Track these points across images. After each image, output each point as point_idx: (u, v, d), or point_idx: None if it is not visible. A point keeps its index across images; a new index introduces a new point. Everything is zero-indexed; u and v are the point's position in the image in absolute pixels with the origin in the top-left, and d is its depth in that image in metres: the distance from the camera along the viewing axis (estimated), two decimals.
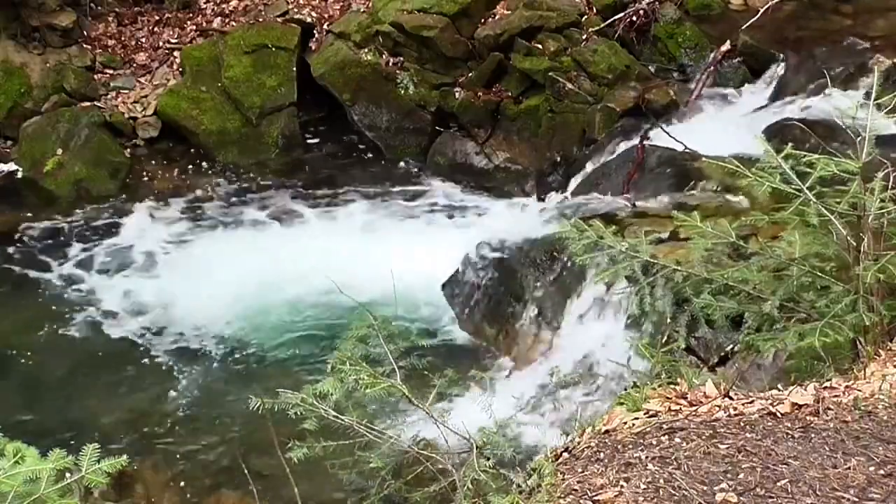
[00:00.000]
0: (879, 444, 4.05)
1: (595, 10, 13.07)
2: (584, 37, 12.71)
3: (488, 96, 12.80)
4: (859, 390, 4.50)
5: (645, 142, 11.07)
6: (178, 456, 8.97)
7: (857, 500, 3.74)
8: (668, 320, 6.88)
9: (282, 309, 10.71)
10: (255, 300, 10.79)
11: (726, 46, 12.36)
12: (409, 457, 5.21)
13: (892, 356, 5.02)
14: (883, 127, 5.83)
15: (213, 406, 9.56)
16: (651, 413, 4.45)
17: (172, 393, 9.76)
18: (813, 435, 4.13)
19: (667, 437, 4.17)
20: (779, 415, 4.29)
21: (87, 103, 13.13)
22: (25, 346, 10.42)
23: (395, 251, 10.38)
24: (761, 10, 12.35)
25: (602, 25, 12.76)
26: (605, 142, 11.84)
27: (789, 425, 4.21)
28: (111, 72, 13.57)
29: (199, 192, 12.71)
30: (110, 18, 14.00)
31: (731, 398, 4.51)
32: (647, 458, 4.01)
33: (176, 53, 13.70)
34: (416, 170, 12.99)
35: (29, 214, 12.38)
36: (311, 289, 10.41)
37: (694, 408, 4.45)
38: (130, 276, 11.43)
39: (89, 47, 13.62)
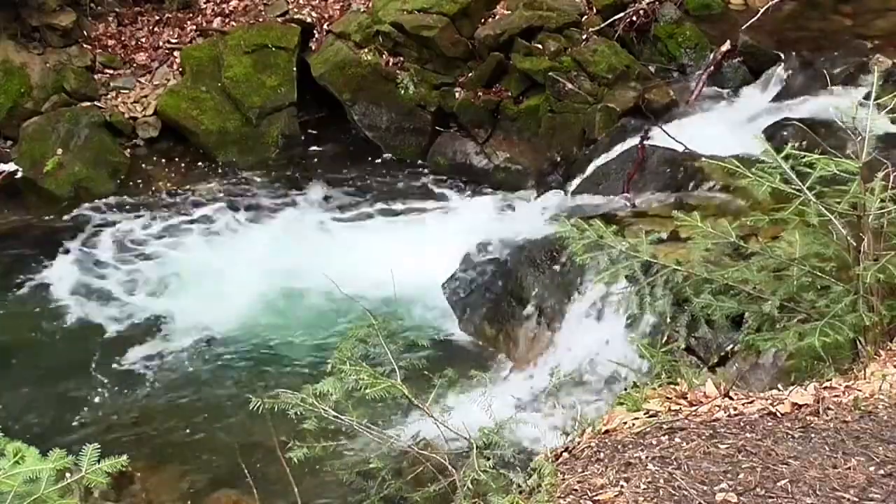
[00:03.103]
0: (879, 444, 4.05)
1: (595, 10, 13.07)
2: (584, 37, 12.71)
3: (488, 96, 12.80)
4: (859, 390, 4.50)
5: (645, 142, 11.07)
6: (177, 456, 8.96)
7: (857, 500, 3.74)
8: (668, 320, 6.88)
9: (282, 308, 10.71)
10: (254, 299, 10.79)
11: (726, 46, 12.37)
12: (409, 457, 5.21)
13: (892, 356, 5.02)
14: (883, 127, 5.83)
15: (214, 406, 9.56)
16: (651, 413, 4.45)
17: (172, 393, 9.76)
18: (813, 435, 4.13)
19: (667, 437, 4.17)
20: (779, 415, 4.29)
21: (87, 103, 13.13)
22: (25, 346, 10.43)
23: (396, 251, 10.39)
24: (761, 10, 12.36)
25: (602, 25, 12.77)
26: (605, 142, 11.84)
27: (789, 425, 4.21)
28: (111, 72, 13.57)
29: (198, 192, 12.71)
30: (110, 18, 14.01)
31: (731, 398, 4.51)
32: (647, 458, 4.01)
33: (176, 53, 13.70)
34: (416, 170, 12.99)
35: (29, 214, 12.39)
36: (312, 288, 10.41)
37: (694, 408, 4.45)
38: (131, 276, 11.43)
39: (89, 47, 13.62)
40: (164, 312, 10.75)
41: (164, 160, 13.16)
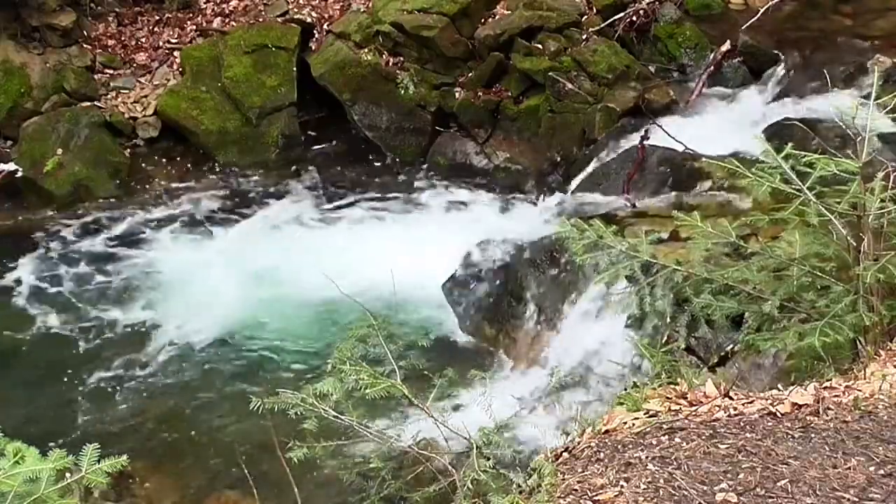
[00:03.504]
0: (879, 444, 4.05)
1: (595, 10, 13.07)
2: (584, 37, 12.71)
3: (488, 96, 12.80)
4: (859, 390, 4.50)
5: (645, 142, 11.07)
6: (178, 456, 8.96)
7: (857, 500, 3.74)
8: (668, 320, 6.89)
9: (281, 308, 10.71)
10: (254, 300, 10.79)
11: (726, 46, 12.36)
12: (409, 457, 5.22)
13: (892, 356, 5.02)
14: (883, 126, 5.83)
15: (214, 405, 9.56)
16: (651, 413, 4.45)
17: (172, 392, 9.76)
18: (813, 435, 4.13)
19: (667, 437, 4.17)
20: (779, 415, 4.29)
21: (87, 103, 13.13)
22: (25, 346, 10.42)
23: (396, 251, 10.38)
24: (761, 10, 12.35)
25: (602, 25, 12.76)
26: (605, 142, 11.83)
27: (789, 425, 4.21)
28: (111, 72, 13.57)
29: (199, 192, 12.72)
30: (110, 18, 14.00)
31: (731, 398, 4.51)
32: (647, 458, 4.01)
33: (176, 53, 13.70)
34: (416, 170, 12.99)
35: (29, 215, 12.39)
36: (311, 288, 10.40)
37: (694, 408, 4.45)
38: (131, 275, 11.43)
39: (89, 47, 13.62)
40: (163, 313, 10.75)
41: (164, 160, 13.15)
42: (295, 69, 13.30)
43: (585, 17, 12.96)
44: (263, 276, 11.08)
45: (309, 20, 13.75)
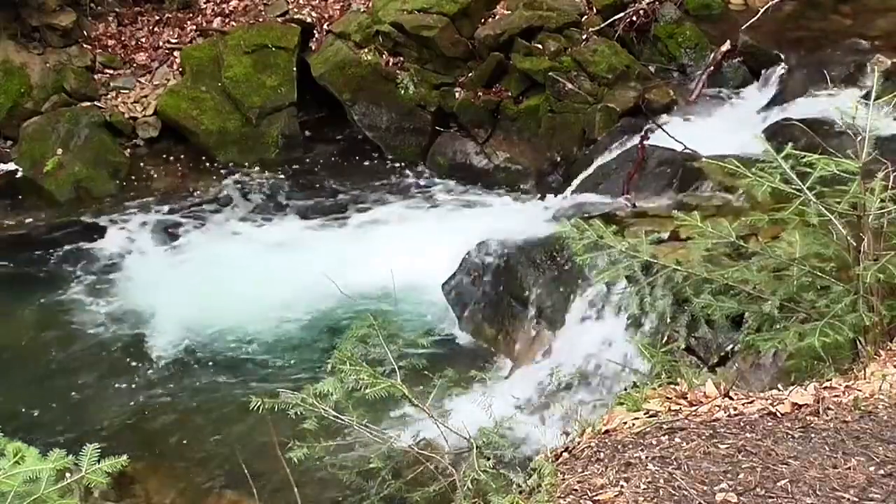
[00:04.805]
0: (879, 444, 4.05)
1: (595, 10, 13.08)
2: (584, 37, 12.71)
3: (488, 96, 12.80)
4: (859, 390, 4.50)
5: (645, 142, 11.07)
6: (178, 456, 8.96)
7: (857, 500, 3.74)
8: (668, 320, 6.89)
9: (281, 308, 10.70)
10: (253, 300, 10.77)
11: (726, 46, 12.37)
12: (409, 457, 5.22)
13: (892, 356, 5.02)
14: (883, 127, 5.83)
15: (214, 406, 9.56)
16: (651, 413, 4.45)
17: (172, 393, 9.75)
18: (813, 435, 4.13)
19: (667, 437, 4.17)
20: (779, 415, 4.29)
21: (87, 103, 13.14)
22: (25, 347, 10.42)
23: (395, 251, 10.38)
24: (761, 10, 12.37)
25: (602, 25, 12.77)
26: (605, 142, 11.84)
27: (789, 425, 4.21)
28: (111, 72, 13.58)
29: (199, 193, 12.71)
30: (110, 18, 14.01)
31: (731, 398, 4.51)
32: (647, 458, 4.01)
33: (176, 53, 13.71)
34: (416, 170, 12.99)
35: (29, 215, 12.39)
36: (311, 289, 10.40)
37: (694, 408, 4.45)
38: (131, 276, 11.43)
39: (89, 47, 13.62)
40: (163, 314, 10.73)
41: (164, 160, 13.16)
42: (295, 69, 13.31)
43: (585, 17, 12.96)
44: (263, 276, 11.06)
45: (309, 20, 13.75)
